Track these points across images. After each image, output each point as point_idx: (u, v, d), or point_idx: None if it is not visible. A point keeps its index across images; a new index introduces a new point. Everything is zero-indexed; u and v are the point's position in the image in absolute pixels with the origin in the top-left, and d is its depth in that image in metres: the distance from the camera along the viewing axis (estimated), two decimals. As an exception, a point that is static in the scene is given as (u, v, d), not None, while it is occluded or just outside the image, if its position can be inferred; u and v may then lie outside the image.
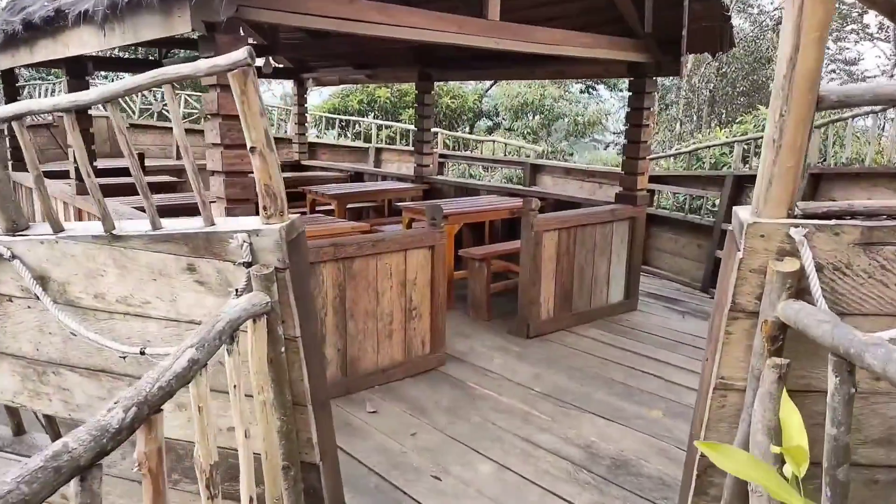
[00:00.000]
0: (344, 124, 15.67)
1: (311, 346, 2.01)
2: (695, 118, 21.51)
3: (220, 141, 3.45)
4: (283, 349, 1.87)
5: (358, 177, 9.31)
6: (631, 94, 5.86)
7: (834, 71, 25.03)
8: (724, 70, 21.78)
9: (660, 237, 7.65)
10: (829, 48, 24.93)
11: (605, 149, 26.64)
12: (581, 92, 23.72)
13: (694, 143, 9.37)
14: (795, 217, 1.57)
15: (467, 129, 19.54)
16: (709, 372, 1.76)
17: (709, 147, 7.99)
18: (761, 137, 6.54)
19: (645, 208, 6.02)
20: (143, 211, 4.94)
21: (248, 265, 1.80)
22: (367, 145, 11.61)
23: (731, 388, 1.66)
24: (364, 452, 3.44)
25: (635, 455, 3.46)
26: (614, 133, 26.51)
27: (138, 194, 2.24)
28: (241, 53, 1.69)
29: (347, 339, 4.14)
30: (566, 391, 4.25)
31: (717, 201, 7.00)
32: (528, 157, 11.26)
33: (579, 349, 5.05)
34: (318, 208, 7.83)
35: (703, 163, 8.46)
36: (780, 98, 1.49)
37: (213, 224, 1.93)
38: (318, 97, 24.68)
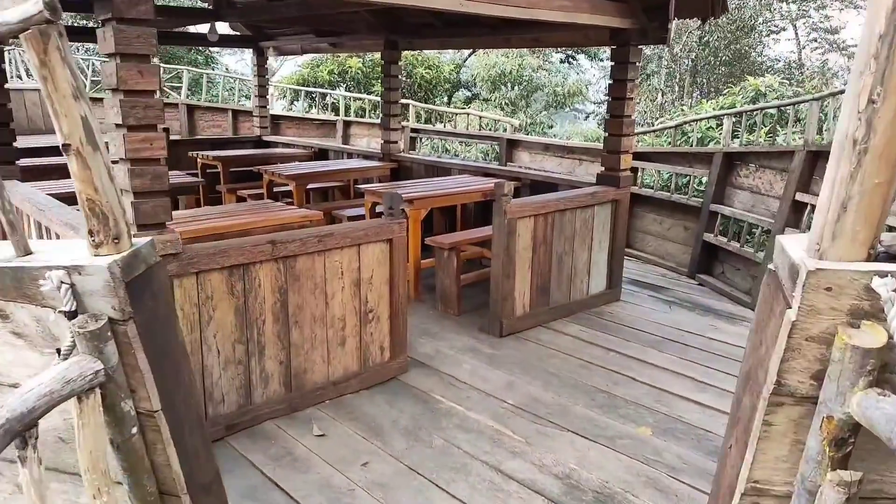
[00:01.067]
0: (314, 97, 14.91)
1: (184, 417, 1.47)
2: (676, 88, 20.99)
3: (122, 121, 2.84)
4: (133, 430, 1.34)
5: (323, 154, 8.67)
6: (613, 64, 5.30)
7: (815, 40, 24.58)
8: (706, 39, 21.22)
9: (643, 218, 7.17)
10: (811, 16, 24.48)
11: (585, 119, 26.06)
12: (561, 62, 23.04)
13: (678, 115, 8.84)
14: (879, 259, 1.05)
15: (446, 101, 18.83)
16: (733, 468, 1.25)
17: (696, 121, 7.46)
18: (753, 111, 5.99)
19: (629, 190, 5.51)
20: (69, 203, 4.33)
21: (72, 315, 1.26)
22: (334, 118, 10.94)
23: (768, 494, 1.16)
24: (304, 490, 2.93)
25: (622, 486, 2.99)
26: (595, 103, 25.95)
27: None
28: (32, 5, 1.11)
29: (292, 349, 3.60)
30: (542, 403, 3.76)
31: (705, 180, 6.51)
32: (505, 131, 10.66)
33: (557, 349, 4.56)
34: (276, 189, 7.21)
35: (689, 138, 7.94)
36: (871, 74, 0.96)
37: (29, 253, 1.37)
38: (293, 67, 23.71)
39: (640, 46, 5.23)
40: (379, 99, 14.10)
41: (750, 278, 5.83)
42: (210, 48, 22.85)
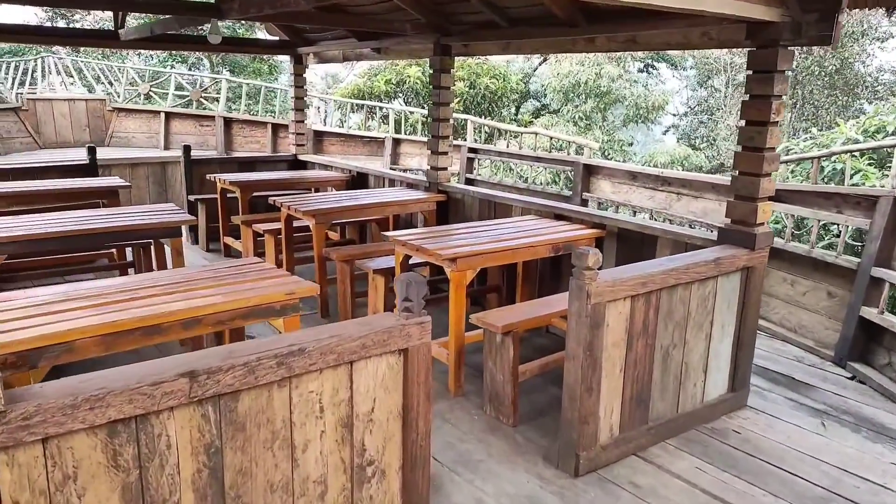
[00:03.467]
0: (373, 110, 13.71)
1: None
2: (789, 116, 18.65)
3: None
4: None
5: (362, 179, 7.33)
6: (750, 73, 3.67)
7: None
8: (815, 59, 18.83)
9: (768, 275, 5.42)
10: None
11: (664, 133, 23.96)
12: (640, 71, 21.13)
13: (811, 141, 6.98)
14: None
15: (513, 113, 17.33)
16: None
17: (848, 152, 5.62)
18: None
19: (766, 254, 3.85)
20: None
21: None
22: (382, 135, 9.65)
23: None
24: None
25: None
26: (674, 115, 23.86)
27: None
28: None
29: (230, 541, 2.17)
30: None
31: (866, 232, 4.75)
32: (581, 152, 9.04)
33: (665, 501, 2.97)
34: (297, 223, 5.89)
35: (824, 172, 6.13)
36: None
37: None
38: (353, 77, 22.72)
39: (790, 48, 3.59)
40: (467, 117, 12.77)
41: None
42: (272, 57, 22.18)
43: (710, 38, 4.16)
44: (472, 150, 8.64)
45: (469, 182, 8.70)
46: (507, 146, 11.17)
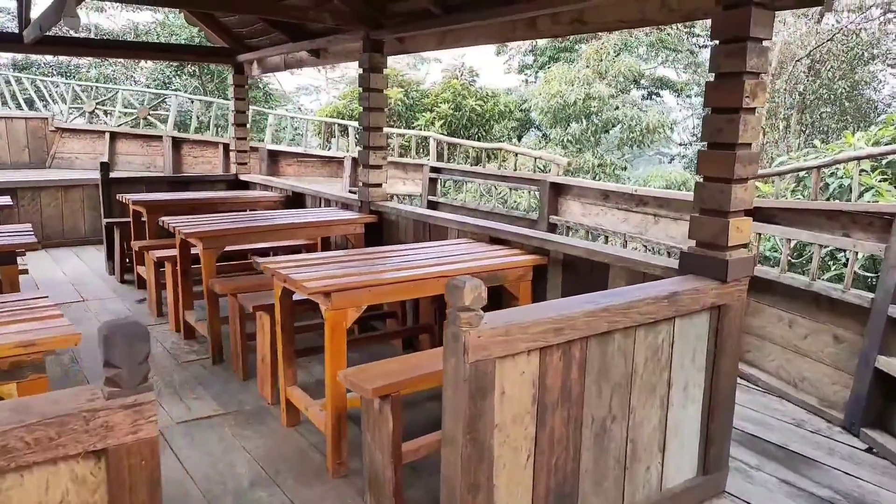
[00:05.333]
0: (344, 130, 12.93)
1: None
2: (781, 127, 17.71)
3: None
4: None
5: (298, 200, 6.41)
6: (716, 45, 2.73)
7: None
8: (816, 68, 17.97)
9: (759, 314, 4.40)
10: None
11: (669, 162, 23.03)
12: (643, 98, 20.31)
13: (814, 155, 5.98)
14: None
15: (506, 139, 16.48)
16: None
17: (855, 159, 4.59)
18: None
19: (745, 287, 2.85)
20: None
21: None
22: (342, 155, 8.78)
23: None
24: None
25: None
26: (681, 145, 22.96)
27: None
28: None
29: None
30: None
31: (880, 260, 3.74)
32: (548, 169, 8.09)
33: None
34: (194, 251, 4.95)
35: (829, 190, 5.13)
36: None
37: None
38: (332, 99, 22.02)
39: (772, 10, 2.65)
40: (427, 135, 11.94)
41: None
42: (267, 84, 21.59)
43: (670, 10, 3.24)
44: (434, 169, 7.74)
45: (431, 205, 7.77)
46: (499, 168, 10.30)
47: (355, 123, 11.62)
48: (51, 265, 7.34)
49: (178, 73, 20.15)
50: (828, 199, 4.94)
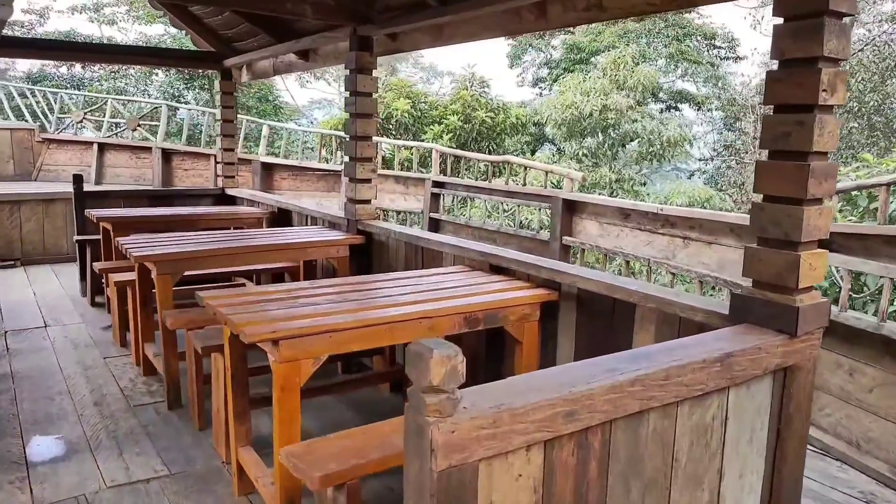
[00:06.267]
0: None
1: None
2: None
3: None
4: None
5: (284, 217, 5.81)
6: (780, 23, 2.07)
7: None
8: (854, 94, 17.13)
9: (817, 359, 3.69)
10: None
11: (689, 178, 22.26)
12: (661, 112, 19.63)
13: (867, 171, 5.27)
14: None
15: (518, 153, 15.85)
16: None
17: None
18: None
19: (818, 341, 2.17)
20: None
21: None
22: (339, 167, 8.20)
23: None
24: None
25: None
26: (701, 160, 22.19)
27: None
28: None
29: None
30: None
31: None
32: (561, 184, 7.42)
33: None
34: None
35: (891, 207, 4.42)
36: None
37: None
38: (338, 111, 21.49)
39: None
40: (430, 146, 11.33)
41: None
42: (277, 98, 21.18)
43: (714, -12, 2.58)
44: (437, 184, 7.12)
45: (434, 223, 7.14)
46: (507, 183, 9.61)
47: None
48: (23, 284, 6.81)
49: (189, 86, 19.82)
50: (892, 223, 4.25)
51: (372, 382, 3.98)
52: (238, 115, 8.45)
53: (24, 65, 21.64)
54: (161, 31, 21.81)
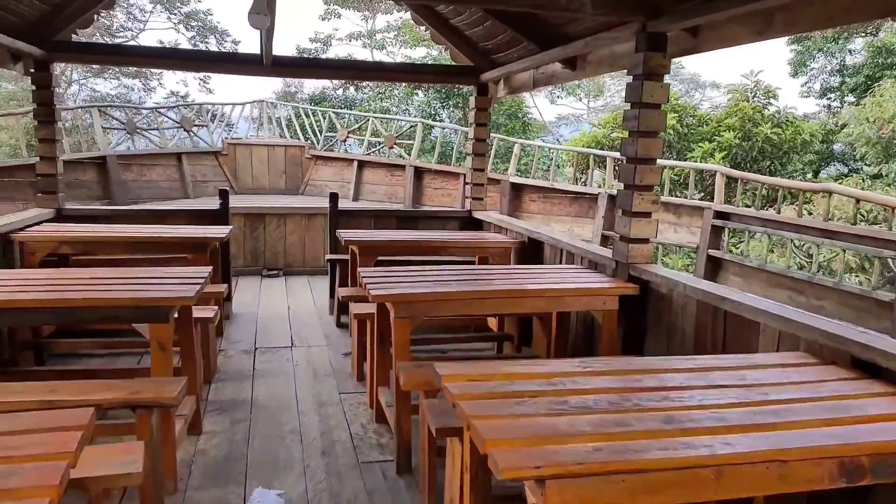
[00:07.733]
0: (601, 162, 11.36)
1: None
2: None
3: None
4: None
5: (535, 248, 5.07)
6: None
7: None
8: None
9: None
10: None
11: None
12: None
13: None
14: None
15: (799, 175, 13.41)
16: None
17: None
18: None
19: None
20: None
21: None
22: (596, 191, 7.26)
23: None
24: None
25: None
26: None
27: None
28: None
29: None
30: None
31: None
32: (878, 219, 5.54)
33: None
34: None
35: None
36: None
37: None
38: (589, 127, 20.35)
39: None
40: (711, 167, 9.85)
41: None
42: (525, 115, 21.01)
43: None
44: (720, 214, 5.81)
45: (712, 262, 5.84)
46: (800, 215, 7.81)
47: (616, 154, 10.00)
48: (281, 296, 7.07)
49: (445, 104, 20.56)
50: None
51: None
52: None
53: (308, 88, 24.50)
54: (423, 54, 23.07)
